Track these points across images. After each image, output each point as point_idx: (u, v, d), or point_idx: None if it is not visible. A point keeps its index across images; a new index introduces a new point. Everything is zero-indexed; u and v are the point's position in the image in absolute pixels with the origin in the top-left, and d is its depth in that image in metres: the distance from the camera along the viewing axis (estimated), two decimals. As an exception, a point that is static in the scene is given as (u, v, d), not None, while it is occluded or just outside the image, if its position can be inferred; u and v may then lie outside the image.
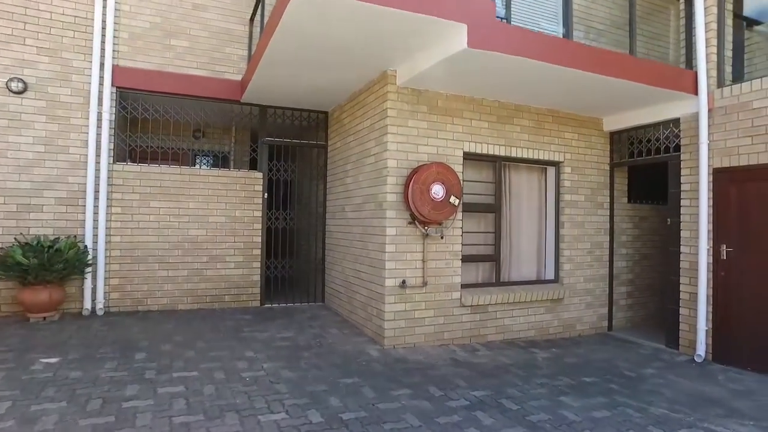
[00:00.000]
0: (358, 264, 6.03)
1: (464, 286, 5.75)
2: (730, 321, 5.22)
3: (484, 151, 5.82)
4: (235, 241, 7.01)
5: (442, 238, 5.46)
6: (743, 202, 5.14)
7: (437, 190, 5.22)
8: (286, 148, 7.45)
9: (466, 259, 5.79)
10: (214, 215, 6.90)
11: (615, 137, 6.74)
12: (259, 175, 7.20)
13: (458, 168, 5.60)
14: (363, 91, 6.00)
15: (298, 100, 6.95)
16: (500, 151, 5.92)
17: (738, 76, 5.60)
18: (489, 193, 6.11)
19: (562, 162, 6.40)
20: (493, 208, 6.05)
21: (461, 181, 5.44)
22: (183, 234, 6.70)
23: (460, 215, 5.63)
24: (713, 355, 5.33)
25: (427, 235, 5.37)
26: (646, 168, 7.04)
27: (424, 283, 5.39)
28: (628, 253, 6.91)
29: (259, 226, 7.15)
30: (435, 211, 5.21)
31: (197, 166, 8.29)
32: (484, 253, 6.05)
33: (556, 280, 6.42)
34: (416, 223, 5.33)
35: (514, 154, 6.02)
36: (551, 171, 6.50)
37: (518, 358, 5.21)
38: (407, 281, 5.31)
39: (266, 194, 7.24)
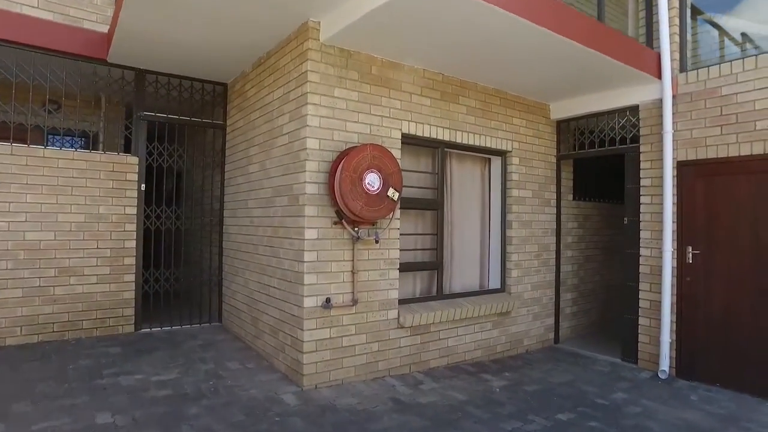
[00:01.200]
0: (267, 276, 4.66)
1: (402, 301, 4.63)
2: (696, 332, 4.65)
3: (426, 134, 4.74)
4: (98, 248, 5.26)
5: (376, 242, 4.28)
6: (711, 200, 4.59)
7: (372, 180, 4.04)
8: (172, 127, 5.81)
9: (405, 267, 4.68)
10: (66, 213, 5.09)
11: (562, 126, 6.04)
12: (134, 160, 5.50)
13: (396, 153, 4.46)
14: (274, 53, 4.63)
15: (187, 66, 5.38)
16: (444, 135, 4.88)
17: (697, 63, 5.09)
18: (429, 186, 5.05)
19: (510, 152, 5.53)
20: (434, 205, 5.00)
21: (401, 170, 4.31)
22: (16, 239, 4.83)
23: (397, 213, 4.49)
24: (677, 370, 4.73)
25: (359, 238, 4.17)
26: (590, 162, 6.45)
27: (354, 301, 4.18)
28: (573, 255, 6.26)
29: (134, 227, 5.46)
30: (369, 207, 4.02)
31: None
32: (423, 260, 4.98)
33: (503, 288, 5.54)
34: (344, 223, 4.10)
35: (459, 140, 5.01)
36: (496, 162, 5.61)
37: (472, 390, 4.19)
38: (332, 299, 4.07)
39: (144, 185, 5.56)
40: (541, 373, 4.83)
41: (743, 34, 4.92)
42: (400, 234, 4.60)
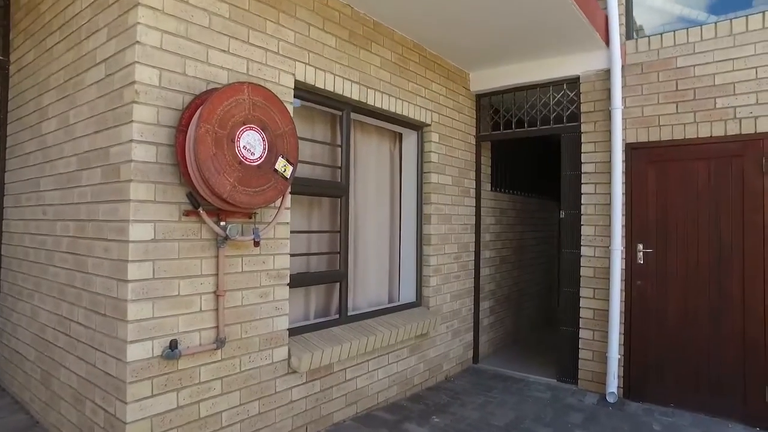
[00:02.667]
0: (67, 303, 2.79)
1: (294, 332, 3.13)
2: (648, 345, 3.93)
3: (329, 87, 3.29)
4: None
5: (256, 244, 2.72)
6: (665, 189, 3.91)
7: (252, 143, 2.48)
8: None
9: (297, 281, 3.19)
10: None
11: (483, 102, 5.04)
12: None
13: (288, 107, 2.95)
14: (80, -69, 2.78)
15: None
16: (353, 92, 3.48)
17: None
18: (330, 164, 3.62)
19: (429, 126, 4.35)
20: (338, 191, 3.58)
21: (297, 133, 2.80)
22: None
23: (288, 201, 2.99)
24: (626, 390, 3.99)
25: (227, 238, 2.56)
26: (508, 147, 5.59)
27: (220, 341, 2.57)
28: (491, 257, 5.32)
29: None
30: (246, 187, 2.45)
31: None
32: (322, 270, 3.54)
33: (419, 301, 4.34)
34: (203, 213, 2.47)
35: (371, 101, 3.66)
36: (410, 138, 4.39)
37: (401, 460, 2.87)
38: (182, 342, 2.42)
39: None
40: (476, 409, 3.71)
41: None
42: (291, 232, 3.11)
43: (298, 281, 3.19)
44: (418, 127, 4.32)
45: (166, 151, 2.37)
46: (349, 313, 3.64)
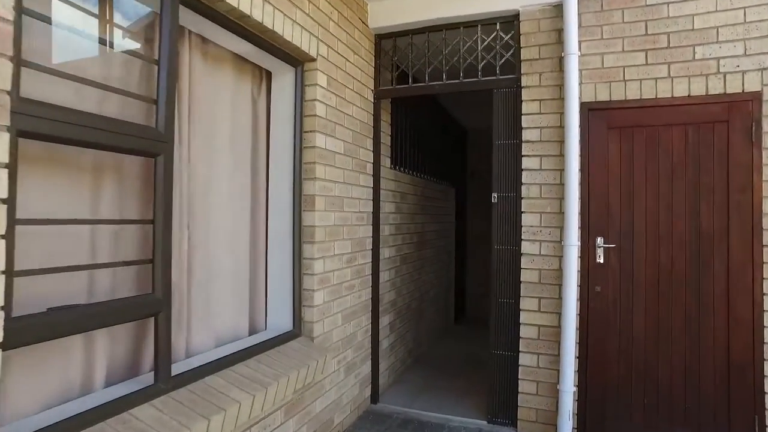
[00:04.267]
0: None
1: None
2: (608, 372, 2.96)
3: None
4: None
5: None
6: (630, 164, 2.96)
7: None
8: None
9: (33, 332, 1.46)
10: None
11: (385, 45, 3.67)
12: None
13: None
14: None
15: None
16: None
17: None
18: (135, 88, 1.91)
19: (314, 61, 2.84)
20: (150, 144, 1.87)
21: None
22: None
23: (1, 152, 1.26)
24: (579, 429, 2.99)
25: None
26: (411, 109, 4.34)
27: None
28: (391, 256, 4.01)
29: None
30: None
31: None
32: (118, 297, 1.85)
33: (299, 329, 2.81)
34: None
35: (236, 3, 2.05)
36: (286, 79, 2.83)
37: None
38: None
39: None
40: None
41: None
42: (19, 222, 1.39)
43: (36, 332, 1.46)
44: (296, 61, 2.79)
45: None
46: (174, 372, 1.98)
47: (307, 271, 2.82)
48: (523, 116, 3.13)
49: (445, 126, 5.72)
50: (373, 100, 3.61)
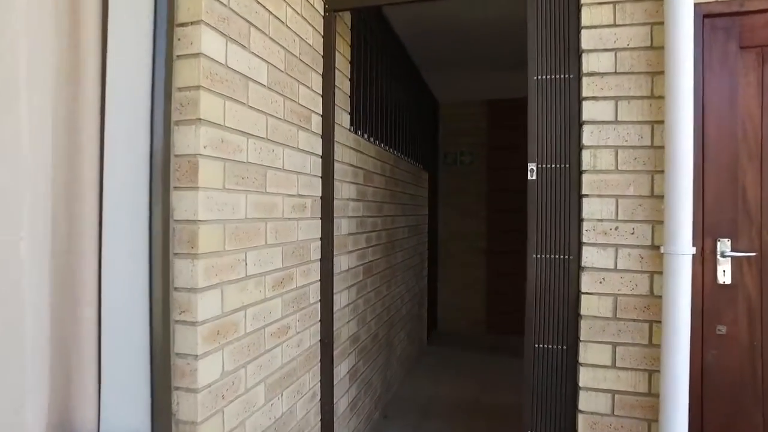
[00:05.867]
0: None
1: None
2: (733, 477, 1.70)
3: None
4: None
5: None
6: (776, 112, 1.70)
7: None
8: None
9: None
10: None
11: None
12: None
13: None
14: None
15: None
16: None
17: None
18: None
19: None
20: None
21: None
22: None
23: None
24: None
25: None
26: (383, 48, 2.94)
27: None
28: (351, 267, 2.59)
29: None
30: None
31: None
32: None
33: (167, 424, 1.36)
34: None
35: None
36: None
37: None
38: None
39: None
40: None
41: None
42: None
43: None
44: None
45: None
46: None
47: (183, 316, 1.36)
48: (583, 30, 1.80)
49: (419, 91, 4.38)
50: (323, 12, 2.16)
